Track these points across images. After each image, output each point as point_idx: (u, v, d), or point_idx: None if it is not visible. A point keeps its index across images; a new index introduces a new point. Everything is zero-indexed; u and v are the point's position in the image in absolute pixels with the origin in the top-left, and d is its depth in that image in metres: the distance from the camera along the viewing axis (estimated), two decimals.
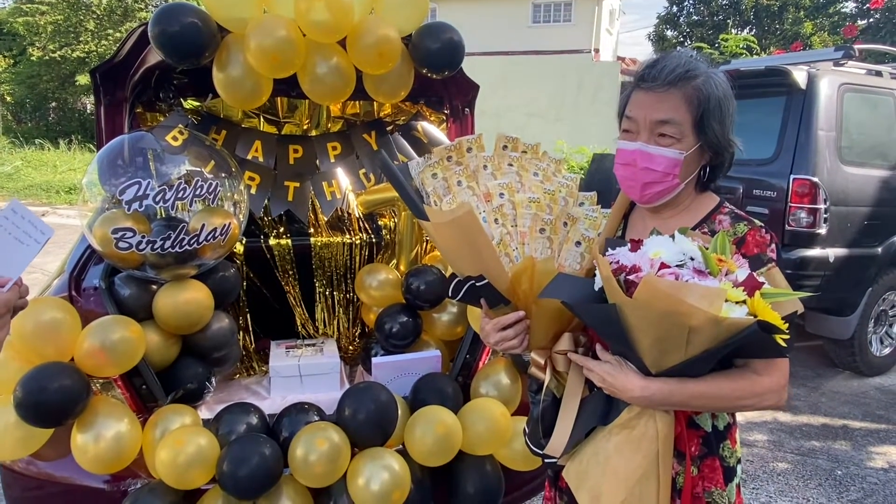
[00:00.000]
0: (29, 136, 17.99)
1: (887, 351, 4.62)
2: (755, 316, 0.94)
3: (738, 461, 1.30)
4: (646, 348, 1.05)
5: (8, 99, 21.16)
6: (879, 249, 4.29)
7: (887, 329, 4.61)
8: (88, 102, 22.21)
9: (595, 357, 1.21)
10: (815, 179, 3.95)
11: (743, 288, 0.95)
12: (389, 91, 2.08)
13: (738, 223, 1.24)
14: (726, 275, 0.98)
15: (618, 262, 1.08)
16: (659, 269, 0.99)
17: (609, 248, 1.17)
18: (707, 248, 1.06)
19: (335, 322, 2.64)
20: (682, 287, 0.95)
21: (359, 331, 2.73)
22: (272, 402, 2.28)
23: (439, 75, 2.08)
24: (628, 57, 19.06)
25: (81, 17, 19.43)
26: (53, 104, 22.20)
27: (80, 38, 19.35)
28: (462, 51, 2.02)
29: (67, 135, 18.89)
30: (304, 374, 2.35)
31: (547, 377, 1.30)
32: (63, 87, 20.69)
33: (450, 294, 1.30)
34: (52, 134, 19.35)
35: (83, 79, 19.10)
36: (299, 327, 2.62)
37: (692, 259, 1.02)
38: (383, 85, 2.04)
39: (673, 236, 1.09)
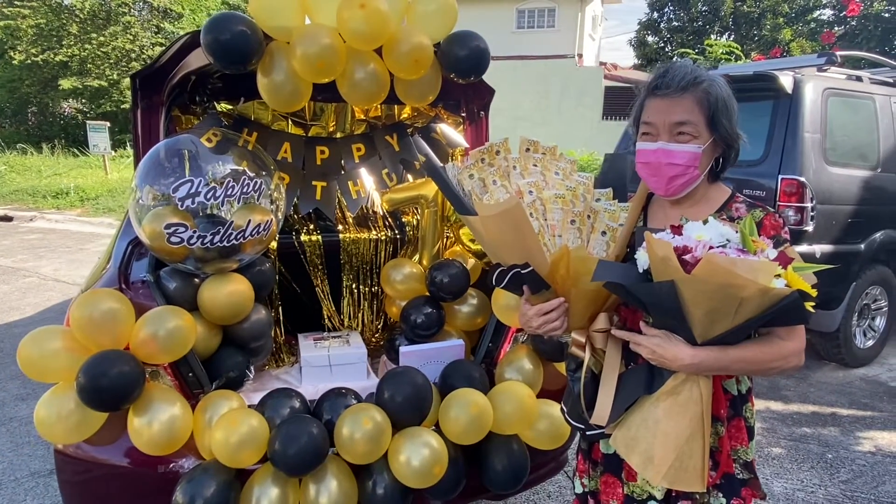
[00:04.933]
0: (10, 141, 17.79)
1: (870, 343, 4.83)
2: (789, 286, 1.09)
3: (755, 421, 1.46)
4: (697, 320, 1.18)
5: None
6: (862, 246, 4.49)
7: (870, 322, 4.83)
8: (67, 106, 22.00)
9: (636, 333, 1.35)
10: (802, 179, 4.14)
11: (778, 262, 1.11)
12: (419, 95, 2.21)
13: (753, 210, 1.41)
14: (761, 252, 1.13)
15: None
16: (708, 250, 1.14)
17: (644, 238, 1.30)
18: (737, 232, 1.21)
19: (360, 315, 2.77)
20: (738, 262, 1.09)
21: (381, 323, 2.85)
22: (304, 391, 2.39)
23: (465, 81, 2.21)
24: (610, 62, 19.38)
25: (64, 21, 19.28)
26: (34, 108, 21.96)
27: (63, 42, 19.19)
28: (488, 58, 2.16)
29: (49, 139, 18.72)
30: (333, 363, 2.47)
31: (587, 355, 1.42)
32: (44, 91, 20.49)
33: (493, 282, 1.41)
34: (33, 138, 19.16)
35: (66, 83, 18.96)
36: (325, 320, 2.74)
37: (728, 241, 1.17)
38: (413, 89, 2.18)
39: (706, 221, 1.24)
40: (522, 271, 1.36)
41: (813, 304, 1.13)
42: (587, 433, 1.47)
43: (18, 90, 20.48)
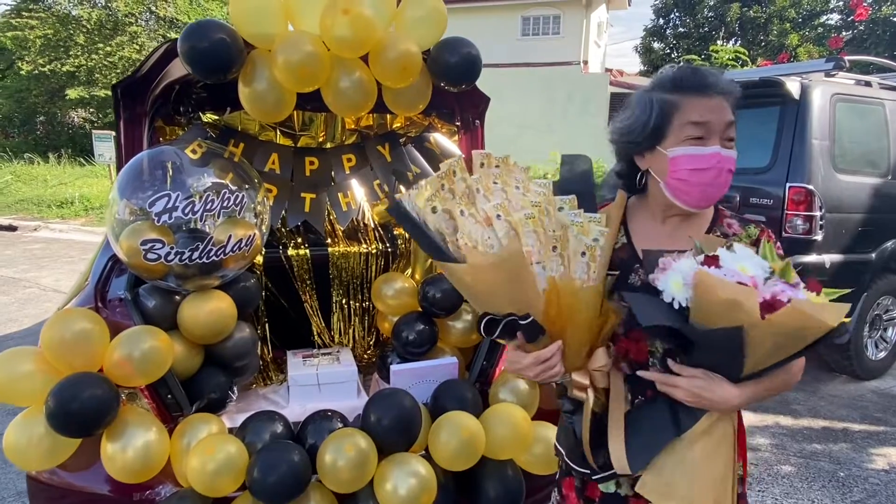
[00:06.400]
0: (18, 151, 17.87)
1: (882, 355, 4.70)
2: None
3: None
4: (753, 361, 1.08)
5: None
6: (873, 255, 4.38)
7: (882, 333, 4.70)
8: (77, 116, 22.15)
9: (640, 369, 1.24)
10: (811, 187, 4.04)
11: (816, 293, 1.04)
12: (408, 104, 2.13)
13: (747, 226, 1.31)
14: (799, 284, 1.05)
15: None
16: (771, 287, 1.04)
17: (657, 263, 1.16)
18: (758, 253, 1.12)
19: (351, 331, 2.68)
20: (820, 308, 1.00)
21: (373, 340, 2.76)
22: (291, 411, 2.30)
23: (457, 89, 2.13)
24: (615, 69, 19.30)
25: (71, 32, 19.39)
26: (42, 118, 22.09)
27: (70, 53, 19.30)
28: (479, 65, 2.08)
29: (56, 149, 18.80)
30: (322, 382, 2.37)
31: (591, 397, 1.26)
32: (52, 101, 20.60)
33: (482, 332, 1.24)
34: (40, 148, 19.24)
35: (73, 93, 19.06)
36: (315, 336, 2.65)
37: (771, 273, 1.07)
38: (402, 98, 2.09)
39: (729, 247, 1.13)
40: (522, 322, 1.18)
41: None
42: (594, 478, 1.33)
43: (26, 100, 20.59)
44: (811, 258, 4.06)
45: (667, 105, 1.24)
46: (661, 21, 23.31)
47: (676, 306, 1.10)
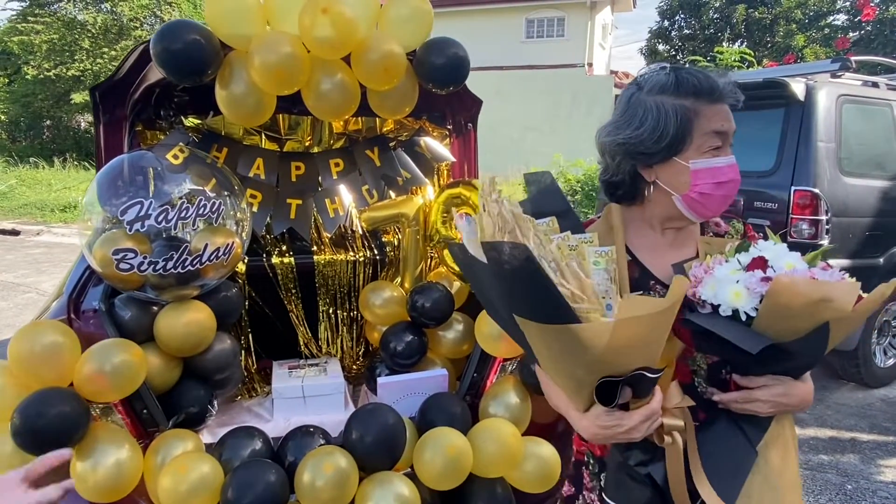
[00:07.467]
0: (23, 155, 17.92)
1: (891, 362, 4.59)
2: None
3: None
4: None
5: (2, 118, 21.12)
6: (881, 260, 4.29)
7: (891, 340, 4.59)
8: (83, 120, 22.24)
9: (686, 391, 1.15)
10: (816, 190, 3.95)
11: None
12: (394, 107, 2.05)
13: (730, 222, 1.29)
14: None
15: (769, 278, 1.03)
16: (833, 276, 1.04)
17: (690, 275, 1.09)
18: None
19: (338, 341, 2.60)
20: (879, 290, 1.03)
21: (362, 350, 2.68)
22: (275, 425, 2.23)
23: (444, 91, 2.06)
24: (621, 71, 19.20)
25: (77, 36, 19.46)
26: (48, 122, 22.18)
27: (76, 57, 19.37)
28: (467, 66, 2.00)
29: (62, 153, 18.87)
30: (307, 395, 2.30)
31: (679, 438, 1.13)
32: (58, 106, 20.69)
33: (600, 400, 1.05)
34: (46, 152, 19.31)
35: (78, 97, 19.13)
36: (302, 347, 2.58)
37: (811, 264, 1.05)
38: (388, 101, 2.02)
39: (749, 247, 1.09)
40: (652, 375, 1.03)
41: None
42: None
43: (32, 105, 20.69)
44: None
45: (687, 112, 1.14)
46: (667, 23, 23.16)
47: (743, 317, 1.02)
